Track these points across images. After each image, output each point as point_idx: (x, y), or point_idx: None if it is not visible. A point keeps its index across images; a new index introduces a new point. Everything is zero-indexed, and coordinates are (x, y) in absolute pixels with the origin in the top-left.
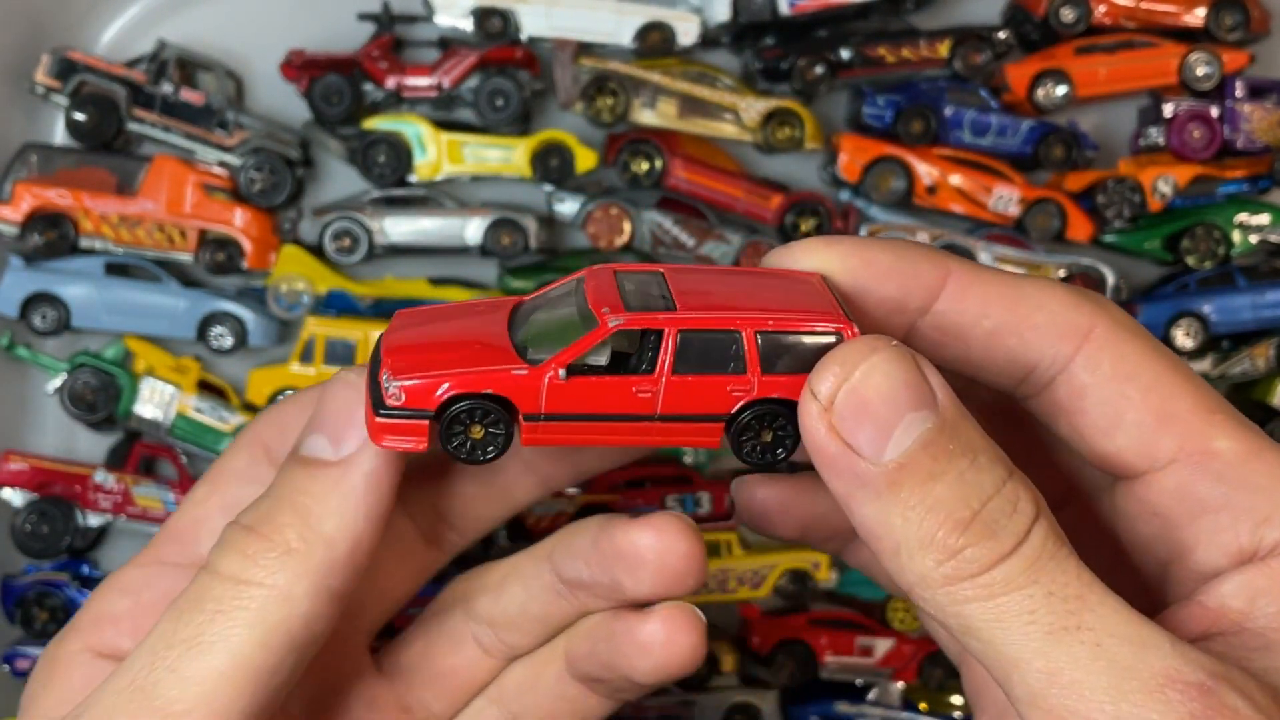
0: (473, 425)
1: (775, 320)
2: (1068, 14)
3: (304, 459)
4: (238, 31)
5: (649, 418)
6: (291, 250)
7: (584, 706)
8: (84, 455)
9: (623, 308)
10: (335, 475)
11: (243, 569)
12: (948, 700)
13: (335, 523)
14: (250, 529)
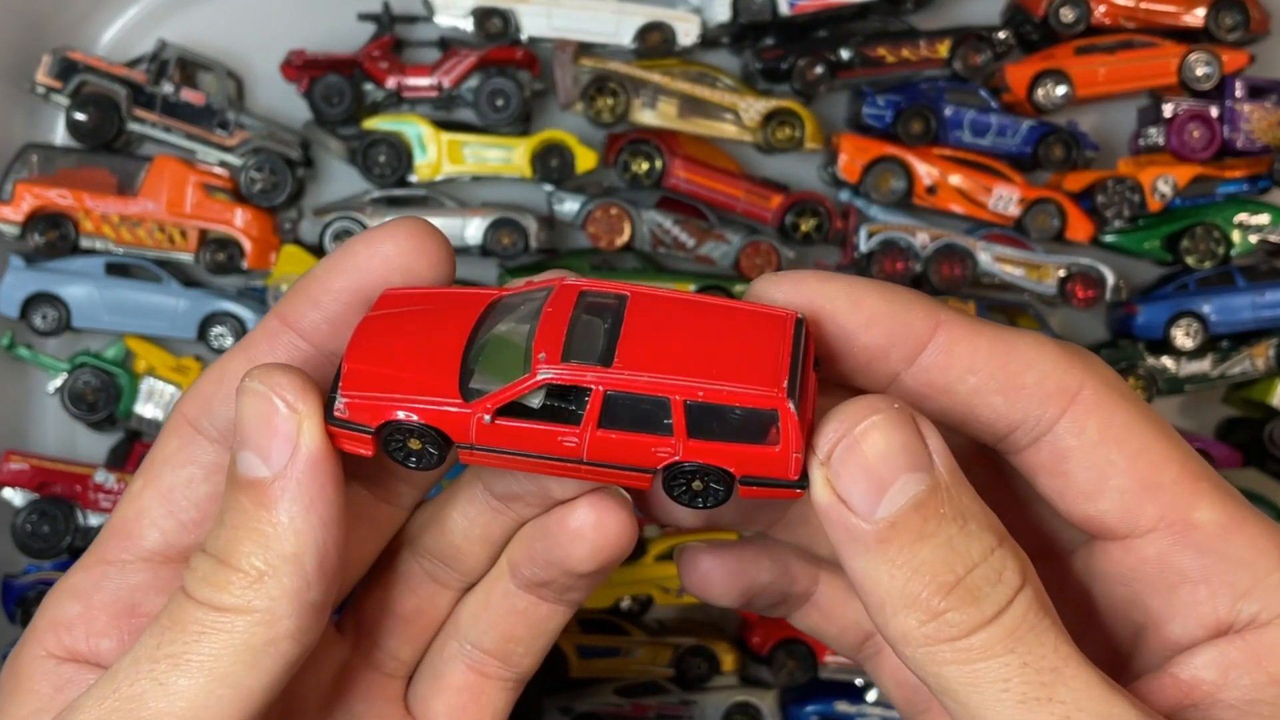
0: (411, 439)
1: (707, 392)
2: (1067, 14)
3: (241, 481)
4: (238, 32)
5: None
6: (292, 250)
7: (536, 616)
8: (84, 455)
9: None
10: (276, 493)
11: (219, 598)
12: None
13: (293, 541)
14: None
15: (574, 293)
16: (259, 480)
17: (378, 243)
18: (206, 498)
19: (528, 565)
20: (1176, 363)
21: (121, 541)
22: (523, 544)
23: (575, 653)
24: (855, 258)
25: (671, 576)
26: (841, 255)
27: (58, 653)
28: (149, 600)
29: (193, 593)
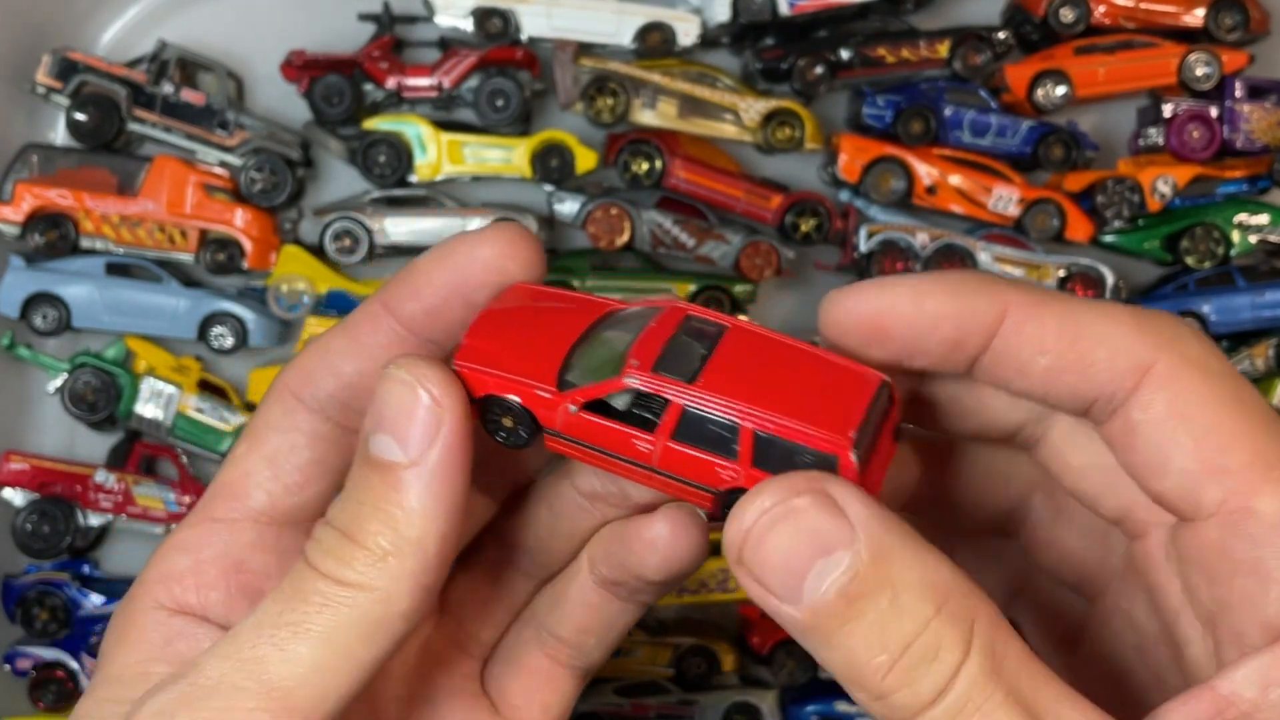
0: (505, 416)
1: (775, 426)
2: (1067, 14)
3: (375, 461)
4: (238, 32)
5: (648, 467)
6: (292, 250)
7: (608, 612)
8: (85, 455)
9: (651, 364)
10: (410, 479)
11: (342, 572)
12: None
13: (420, 525)
14: (344, 534)
15: (680, 315)
16: (393, 464)
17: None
18: (309, 463)
19: (604, 564)
20: None
21: (229, 501)
22: (601, 544)
23: None
24: (855, 258)
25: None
26: (841, 255)
27: (168, 604)
28: (255, 558)
29: (316, 563)
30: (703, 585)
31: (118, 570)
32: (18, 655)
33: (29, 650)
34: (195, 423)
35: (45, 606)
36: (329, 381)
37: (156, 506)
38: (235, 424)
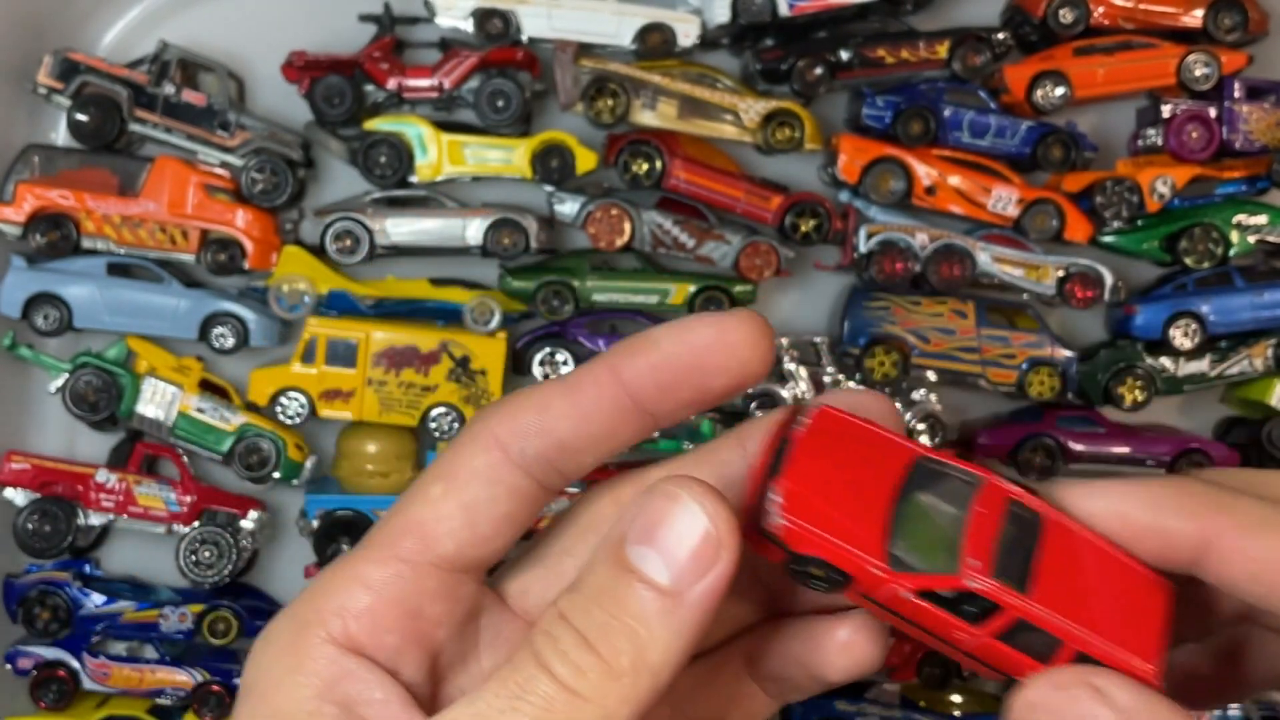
0: (820, 571)
1: (1097, 650)
2: (1066, 15)
3: (633, 570)
4: (240, 33)
5: (964, 652)
6: (293, 251)
7: (753, 706)
8: (86, 455)
9: (990, 567)
10: (669, 607)
11: (575, 681)
12: (946, 699)
13: (663, 655)
14: (585, 641)
15: (1001, 498)
16: (656, 584)
17: (722, 328)
18: (503, 517)
19: (777, 662)
20: (1175, 363)
21: (419, 542)
22: (773, 639)
23: None
24: (855, 258)
25: None
26: (841, 255)
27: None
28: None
29: (549, 663)
30: None
31: (119, 570)
32: (19, 655)
33: (30, 650)
34: (196, 422)
35: (46, 606)
36: (541, 440)
37: (157, 506)
38: (236, 423)
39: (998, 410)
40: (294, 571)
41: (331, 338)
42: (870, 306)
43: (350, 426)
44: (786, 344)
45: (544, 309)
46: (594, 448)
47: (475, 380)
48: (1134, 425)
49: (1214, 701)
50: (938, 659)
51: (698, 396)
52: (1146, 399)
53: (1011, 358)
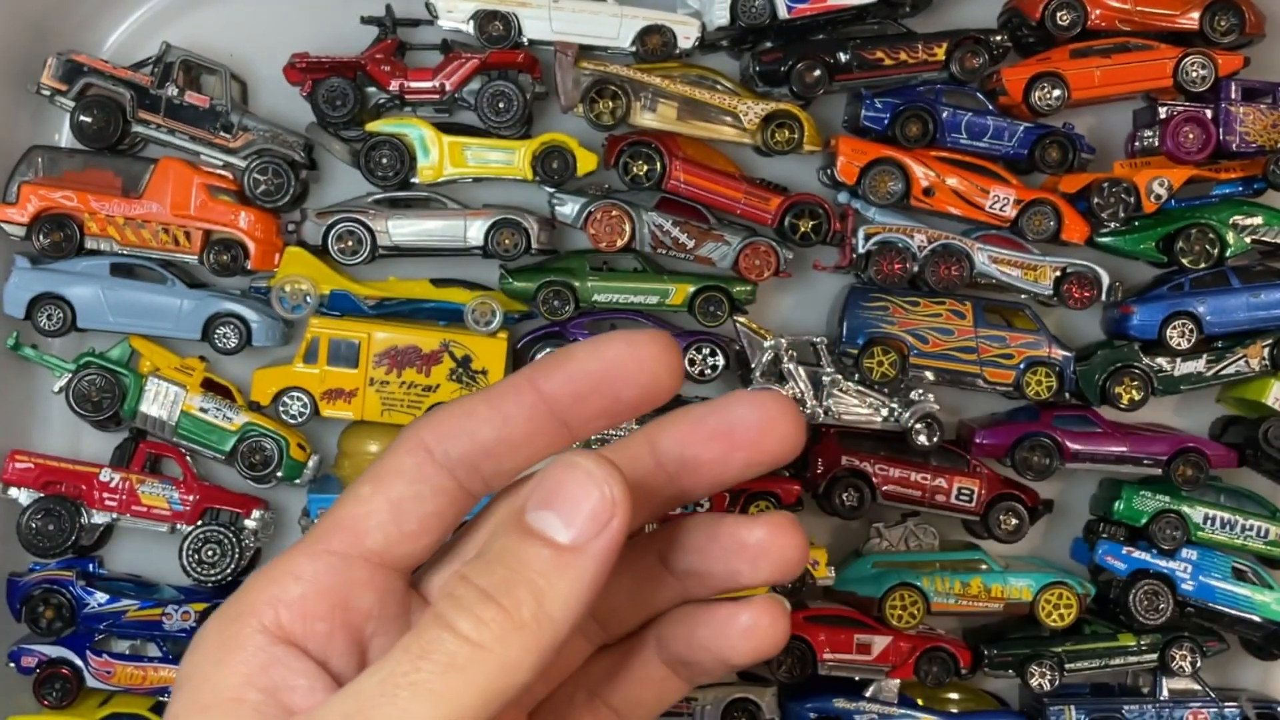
0: None
1: None
2: (1064, 17)
3: (534, 532)
4: (242, 35)
5: None
6: (295, 251)
7: (665, 689)
8: (90, 454)
9: None
10: (567, 560)
11: (479, 633)
12: (944, 696)
13: (563, 605)
14: (487, 595)
15: None
16: (554, 541)
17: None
18: (429, 514)
19: (685, 645)
20: (1171, 363)
21: (349, 536)
22: (681, 624)
23: None
24: (853, 258)
25: None
26: (840, 256)
27: (273, 629)
28: (362, 596)
29: (452, 620)
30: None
31: (122, 568)
32: (22, 653)
33: (34, 648)
34: (199, 422)
35: (50, 604)
36: (464, 443)
37: (161, 505)
38: (239, 423)
39: (995, 410)
40: None
41: (334, 338)
42: (868, 307)
43: (352, 426)
44: (786, 344)
45: (544, 309)
46: (514, 453)
47: (476, 380)
48: (1131, 424)
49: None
50: (937, 657)
51: (610, 407)
52: (1143, 398)
53: (1009, 357)
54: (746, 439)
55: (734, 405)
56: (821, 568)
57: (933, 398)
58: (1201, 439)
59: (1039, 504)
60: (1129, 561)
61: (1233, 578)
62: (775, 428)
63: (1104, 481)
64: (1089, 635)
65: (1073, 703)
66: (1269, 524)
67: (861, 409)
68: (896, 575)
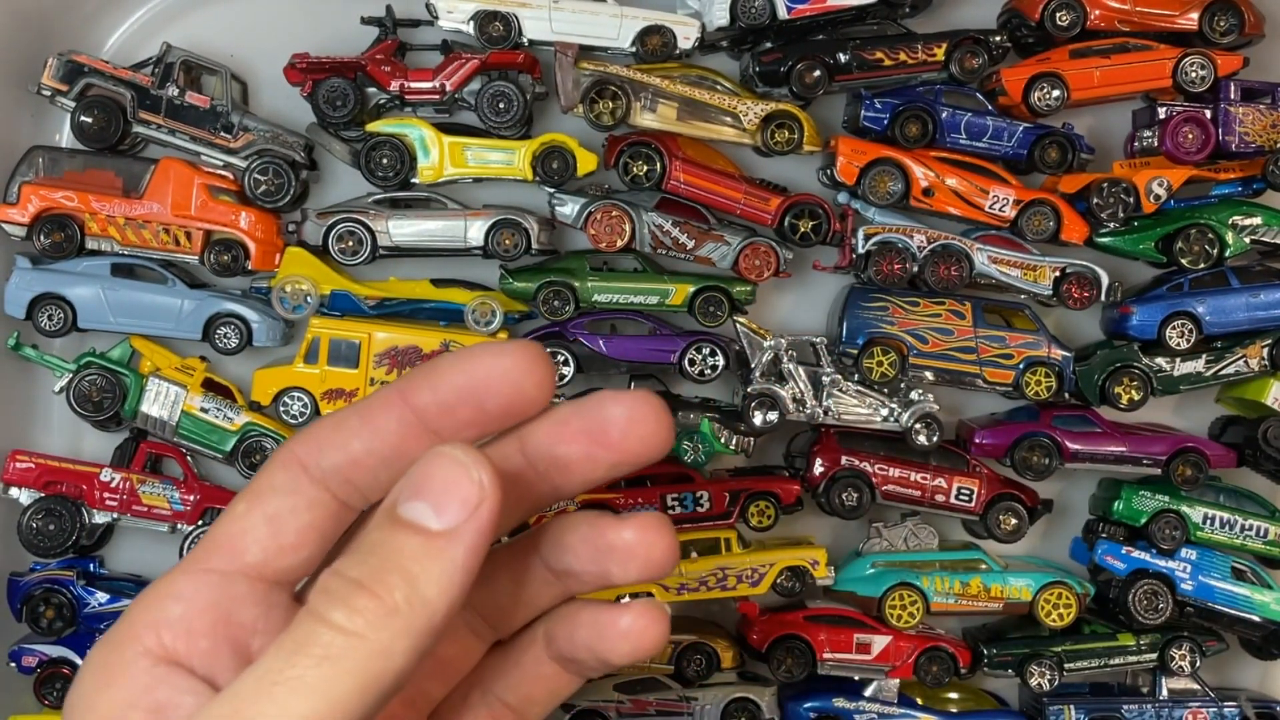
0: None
1: None
2: (1063, 18)
3: (405, 522)
4: (243, 35)
5: None
6: (296, 252)
7: (556, 684)
8: (90, 454)
9: None
10: (440, 545)
11: (351, 621)
12: (944, 696)
13: (437, 589)
14: (359, 584)
15: None
16: (426, 528)
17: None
18: (306, 527)
19: (568, 644)
20: (1171, 363)
21: (225, 554)
22: (564, 624)
23: None
24: (853, 259)
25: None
26: (839, 256)
27: (155, 650)
28: (244, 611)
29: (324, 613)
30: (702, 584)
31: (123, 568)
32: (23, 652)
33: (35, 647)
34: (200, 422)
35: (51, 604)
36: (337, 456)
37: (162, 505)
38: (240, 423)
39: (995, 410)
40: None
41: (334, 338)
42: (868, 307)
43: None
44: (786, 344)
45: (544, 309)
46: (387, 465)
47: None
48: (1130, 424)
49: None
50: (937, 656)
51: (477, 417)
52: (1142, 398)
53: (1008, 358)
54: (612, 439)
55: (601, 405)
56: (821, 568)
57: (932, 398)
58: (1201, 439)
59: (1038, 504)
60: (1128, 561)
61: (1232, 577)
62: (639, 428)
63: (1103, 481)
64: (1088, 635)
65: (1072, 702)
66: (1268, 524)
67: (861, 409)
68: (896, 575)
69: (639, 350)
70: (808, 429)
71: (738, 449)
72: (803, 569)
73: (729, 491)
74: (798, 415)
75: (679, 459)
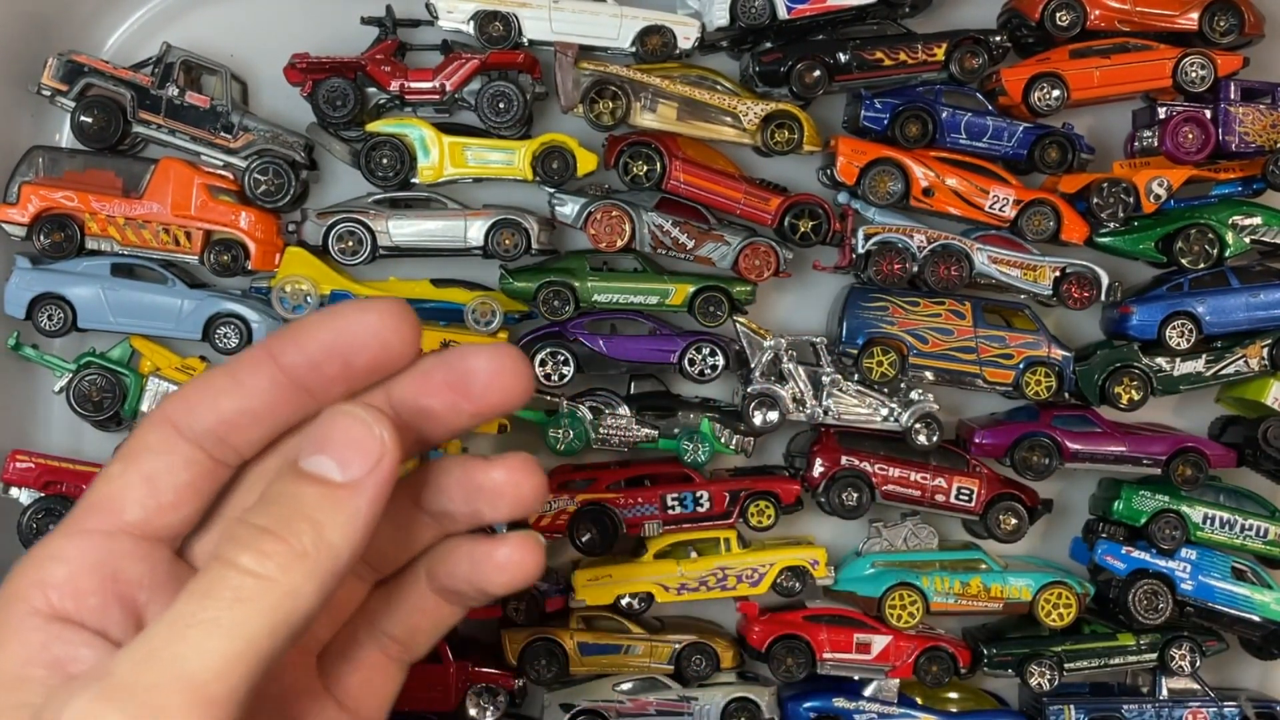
0: None
1: None
2: (1063, 18)
3: (309, 475)
4: (243, 35)
5: None
6: (296, 252)
7: (438, 616)
8: (91, 454)
9: None
10: (344, 496)
11: (262, 565)
12: (944, 696)
13: (341, 536)
14: (268, 531)
15: None
16: (330, 480)
17: (365, 313)
18: (184, 485)
19: (449, 578)
20: (1171, 363)
21: (103, 515)
22: (444, 560)
23: (576, 650)
24: (853, 259)
25: (671, 574)
26: (839, 256)
27: (44, 609)
28: (130, 567)
29: (234, 558)
30: (702, 584)
31: None
32: None
33: None
34: None
35: None
36: (208, 415)
37: None
38: None
39: (995, 410)
40: None
41: None
42: (868, 307)
43: None
44: (785, 344)
45: (544, 309)
46: (259, 423)
47: None
48: (1130, 424)
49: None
50: (937, 656)
51: (345, 372)
52: (1142, 398)
53: (1008, 357)
54: (474, 391)
55: (463, 359)
56: (821, 567)
57: (932, 398)
58: (1201, 439)
59: (1038, 504)
60: (1128, 561)
61: (1232, 577)
62: (501, 381)
63: (1103, 481)
64: (1088, 635)
65: (1072, 702)
66: (1268, 524)
67: (861, 409)
68: (896, 575)
69: (639, 350)
70: (808, 429)
71: (738, 449)
72: (803, 569)
73: (729, 491)
74: (798, 415)
75: (679, 459)
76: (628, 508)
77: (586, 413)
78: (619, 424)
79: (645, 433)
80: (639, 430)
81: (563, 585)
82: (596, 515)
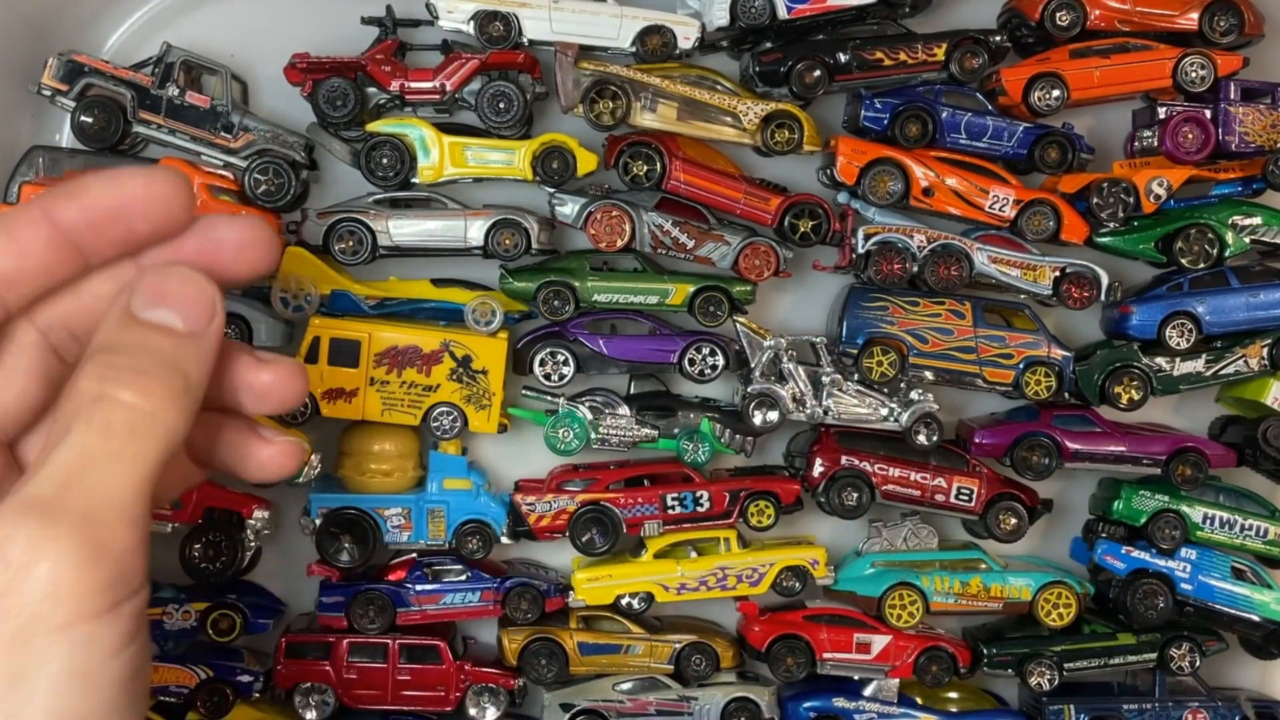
0: None
1: None
2: (1063, 18)
3: (153, 324)
4: (243, 35)
5: None
6: (296, 251)
7: (186, 474)
8: None
9: None
10: (193, 343)
11: (147, 401)
12: (944, 695)
13: (198, 376)
14: (144, 372)
15: None
16: (174, 330)
17: (149, 178)
18: None
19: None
20: (1171, 363)
21: None
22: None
23: (576, 649)
24: (853, 259)
25: (671, 574)
26: (839, 256)
27: None
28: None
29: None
30: (702, 584)
31: None
32: None
33: None
34: None
35: None
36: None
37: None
38: None
39: (995, 410)
40: (297, 569)
41: (334, 337)
42: (868, 307)
43: (353, 425)
44: (785, 344)
45: (544, 309)
46: (32, 280)
47: (476, 379)
48: (1130, 424)
49: None
50: (937, 656)
51: (125, 237)
52: (1142, 398)
53: (1008, 357)
54: (225, 260)
55: (214, 228)
56: (821, 567)
57: (932, 398)
58: (1200, 439)
59: (1038, 503)
60: (1128, 561)
61: (1232, 577)
62: (249, 252)
63: (1103, 481)
64: (1088, 635)
65: (1072, 702)
66: (1268, 524)
67: (861, 409)
68: (896, 575)
69: (639, 350)
70: (808, 429)
71: (738, 449)
72: (803, 569)
73: (729, 491)
74: (798, 415)
75: (679, 459)
76: (628, 508)
77: (586, 413)
78: (619, 424)
79: (645, 433)
80: (639, 430)
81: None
82: (597, 515)
